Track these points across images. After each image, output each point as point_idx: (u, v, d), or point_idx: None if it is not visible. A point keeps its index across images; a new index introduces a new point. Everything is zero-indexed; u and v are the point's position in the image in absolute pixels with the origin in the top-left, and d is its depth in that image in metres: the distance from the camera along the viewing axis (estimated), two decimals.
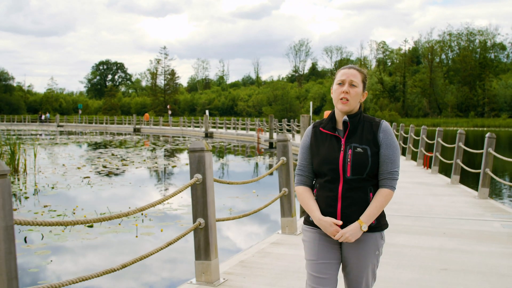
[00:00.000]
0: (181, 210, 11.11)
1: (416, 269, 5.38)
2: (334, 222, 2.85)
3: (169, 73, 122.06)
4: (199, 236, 4.75)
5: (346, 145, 2.89)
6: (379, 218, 2.94)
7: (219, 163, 22.81)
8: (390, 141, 2.91)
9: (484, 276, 5.15)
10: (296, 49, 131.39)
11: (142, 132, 59.60)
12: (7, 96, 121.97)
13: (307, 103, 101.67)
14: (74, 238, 8.70)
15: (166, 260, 7.70)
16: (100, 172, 18.21)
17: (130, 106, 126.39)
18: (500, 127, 76.99)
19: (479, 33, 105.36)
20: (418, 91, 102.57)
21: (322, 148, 2.97)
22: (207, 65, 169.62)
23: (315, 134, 3.05)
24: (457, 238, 6.81)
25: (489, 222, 7.90)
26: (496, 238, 6.88)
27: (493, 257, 5.90)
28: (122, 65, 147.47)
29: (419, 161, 16.96)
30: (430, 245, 6.44)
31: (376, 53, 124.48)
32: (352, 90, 2.93)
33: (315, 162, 2.99)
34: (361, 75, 3.00)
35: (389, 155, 2.89)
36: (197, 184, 4.65)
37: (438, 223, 7.77)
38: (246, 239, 9.34)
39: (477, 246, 6.40)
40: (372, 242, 2.92)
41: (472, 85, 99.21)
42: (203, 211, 4.70)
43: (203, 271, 4.76)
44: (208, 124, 50.09)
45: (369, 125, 2.95)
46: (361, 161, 2.84)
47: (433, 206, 9.30)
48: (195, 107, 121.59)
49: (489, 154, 10.28)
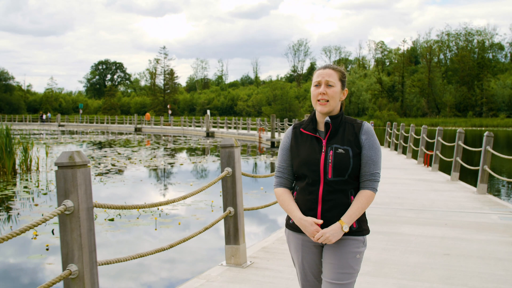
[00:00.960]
0: (194, 205, 11.67)
1: (422, 254, 5.96)
2: (315, 221, 2.81)
3: (168, 72, 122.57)
4: (229, 223, 5.34)
5: (327, 146, 2.85)
6: (360, 222, 2.90)
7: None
8: (372, 142, 2.88)
9: (483, 260, 5.73)
10: (295, 49, 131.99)
11: (143, 132, 60.14)
12: (7, 96, 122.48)
13: (307, 103, 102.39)
14: (98, 229, 9.26)
15: (194, 247, 8.29)
16: (110, 170, 18.77)
17: (129, 105, 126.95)
18: (498, 126, 77.60)
19: (477, 33, 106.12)
20: (416, 91, 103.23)
21: (302, 149, 2.92)
22: (206, 65, 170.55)
23: (295, 135, 3.00)
24: (458, 228, 7.40)
25: (487, 215, 8.48)
26: (494, 228, 7.46)
27: (491, 244, 6.48)
28: (121, 64, 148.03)
29: (419, 159, 17.55)
30: (433, 234, 7.02)
31: (375, 53, 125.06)
32: (329, 90, 2.88)
33: (295, 164, 2.94)
34: (337, 73, 2.94)
35: (372, 157, 2.86)
36: (227, 176, 5.24)
37: (440, 215, 8.35)
38: (265, 228, 10.00)
39: (476, 235, 6.98)
40: (353, 245, 2.86)
41: (470, 85, 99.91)
42: (232, 200, 5.30)
43: (233, 254, 5.35)
44: (209, 124, 50.68)
45: (351, 127, 2.91)
46: (343, 162, 2.81)
47: (434, 200, 9.89)
48: (194, 107, 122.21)
49: (487, 151, 10.86)
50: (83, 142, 37.91)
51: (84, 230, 3.28)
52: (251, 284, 4.83)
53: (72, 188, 3.23)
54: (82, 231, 3.26)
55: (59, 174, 3.26)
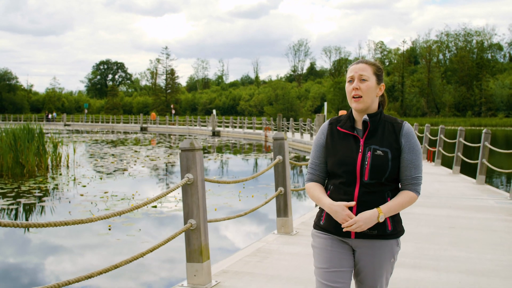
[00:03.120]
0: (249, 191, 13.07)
1: (432, 227, 7.34)
2: (347, 205, 2.69)
3: (169, 72, 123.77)
4: (280, 200, 6.72)
5: (365, 146, 2.73)
6: (395, 223, 2.78)
7: (238, 158, 24.80)
8: (413, 145, 2.75)
9: (481, 231, 7.11)
10: (295, 49, 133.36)
11: (149, 131, 61.40)
12: (11, 96, 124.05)
13: (308, 103, 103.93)
14: (137, 215, 10.62)
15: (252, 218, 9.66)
16: (133, 165, 20.15)
17: (132, 105, 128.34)
18: (497, 126, 78.89)
19: (476, 34, 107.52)
20: (416, 91, 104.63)
21: (339, 148, 2.79)
22: (207, 64, 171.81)
23: (331, 132, 2.87)
24: (460, 210, 8.78)
25: (485, 200, 9.86)
26: (490, 210, 8.84)
27: (488, 221, 7.86)
28: (123, 64, 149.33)
29: (423, 155, 18.93)
30: (439, 213, 8.39)
31: (374, 53, 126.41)
32: (363, 85, 2.75)
33: (330, 162, 2.82)
34: (371, 67, 2.81)
35: (413, 160, 2.74)
36: (278, 163, 6.63)
37: (445, 200, 9.73)
38: (303, 207, 11.41)
39: (475, 214, 8.37)
40: (388, 250, 2.76)
41: (469, 85, 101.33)
42: (283, 182, 6.68)
43: (283, 225, 6.74)
44: (215, 123, 52.05)
45: (391, 126, 2.78)
46: (381, 165, 2.69)
47: (439, 189, 11.27)
48: (196, 107, 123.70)
49: (485, 147, 12.24)
50: (95, 140, 39.27)
51: (200, 195, 4.64)
52: (301, 245, 6.20)
53: (192, 165, 4.59)
54: (199, 195, 4.62)
55: (182, 155, 4.62)
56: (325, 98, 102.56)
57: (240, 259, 5.59)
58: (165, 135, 50.50)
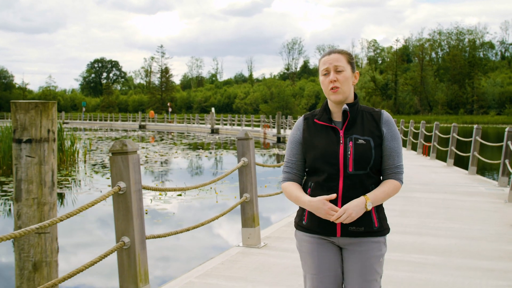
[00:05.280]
0: None
1: (430, 207, 8.66)
2: (327, 198, 2.58)
3: (163, 70, 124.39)
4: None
5: (345, 137, 2.64)
6: (381, 221, 2.71)
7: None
8: (394, 132, 2.71)
9: (473, 211, 8.43)
10: (289, 47, 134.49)
11: (147, 129, 62.43)
12: (7, 94, 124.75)
13: (302, 101, 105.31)
14: (174, 200, 11.88)
15: None
16: (156, 161, 21.41)
17: (127, 103, 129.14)
18: (489, 123, 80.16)
19: (468, 32, 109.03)
20: (409, 89, 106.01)
21: (318, 141, 2.68)
22: (201, 63, 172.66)
23: (308, 127, 2.75)
24: (454, 194, 10.10)
25: (476, 187, 11.19)
26: (480, 195, 10.17)
27: (478, 203, 9.18)
28: (117, 63, 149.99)
29: (418, 150, 20.33)
30: (436, 197, 9.71)
31: (367, 51, 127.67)
32: (339, 76, 2.67)
33: (310, 157, 2.69)
34: (344, 56, 2.73)
35: (395, 148, 2.69)
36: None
37: (441, 187, 11.05)
38: None
39: (467, 198, 9.70)
40: (376, 248, 2.68)
41: (462, 83, 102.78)
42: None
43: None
44: (214, 121, 53.31)
45: (369, 115, 2.72)
46: (364, 154, 2.61)
47: (435, 179, 12.59)
48: (191, 105, 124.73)
49: (476, 141, 13.57)
50: (99, 138, 40.43)
51: (253, 174, 5.93)
52: None
53: (247, 151, 5.86)
54: (252, 175, 5.90)
55: (239, 143, 5.90)
56: (319, 96, 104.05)
57: (278, 228, 6.88)
58: (164, 133, 51.58)
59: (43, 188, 3.68)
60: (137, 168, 3.98)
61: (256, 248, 5.94)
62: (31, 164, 3.64)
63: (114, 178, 3.92)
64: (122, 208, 3.92)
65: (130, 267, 3.94)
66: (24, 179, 3.63)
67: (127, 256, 3.94)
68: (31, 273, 3.68)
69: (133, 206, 3.91)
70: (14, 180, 3.65)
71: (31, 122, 3.65)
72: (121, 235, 3.94)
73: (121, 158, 3.93)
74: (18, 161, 3.64)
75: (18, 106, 3.65)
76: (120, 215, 3.94)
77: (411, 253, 5.79)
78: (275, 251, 5.85)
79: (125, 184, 3.89)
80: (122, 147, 3.94)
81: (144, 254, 4.03)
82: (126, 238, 3.91)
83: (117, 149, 3.95)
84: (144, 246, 4.02)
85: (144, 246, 4.03)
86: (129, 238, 3.91)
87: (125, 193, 3.89)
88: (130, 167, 3.90)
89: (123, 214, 3.93)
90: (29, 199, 3.65)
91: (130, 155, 3.92)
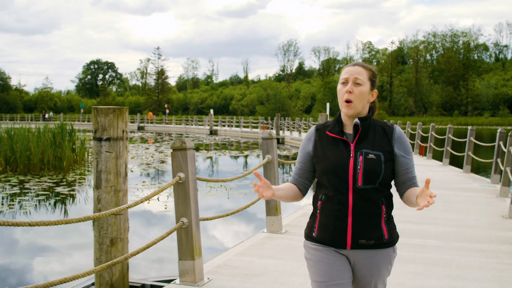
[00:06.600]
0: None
1: None
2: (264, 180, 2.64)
3: (159, 72, 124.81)
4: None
5: (356, 150, 2.65)
6: (391, 231, 2.76)
7: (252, 154, 26.97)
8: (408, 147, 2.72)
9: (467, 203, 9.33)
10: (285, 49, 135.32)
11: (146, 130, 62.96)
12: (4, 96, 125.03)
13: (298, 103, 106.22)
14: None
15: None
16: (162, 162, 22.22)
17: (124, 105, 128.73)
18: (483, 125, 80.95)
19: (463, 35, 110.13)
20: (404, 91, 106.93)
21: (329, 154, 2.69)
22: (197, 64, 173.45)
23: (319, 138, 2.75)
24: (450, 190, 10.99)
25: (470, 184, 12.10)
26: (474, 191, 11.07)
27: (472, 198, 10.08)
28: (113, 64, 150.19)
29: (415, 150, 21.21)
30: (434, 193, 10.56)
31: (362, 53, 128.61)
32: (356, 89, 2.67)
33: (320, 169, 2.71)
34: (367, 72, 2.73)
35: (408, 163, 2.72)
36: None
37: (438, 184, 11.94)
38: None
39: (462, 193, 10.60)
40: (385, 258, 2.73)
41: (456, 85, 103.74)
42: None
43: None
44: (212, 123, 54.05)
45: (381, 130, 2.71)
46: (374, 169, 2.61)
47: (432, 177, 13.43)
48: (188, 106, 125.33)
49: (470, 141, 14.47)
50: None
51: (275, 170, 6.77)
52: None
53: (271, 149, 6.71)
54: (275, 170, 6.74)
55: (264, 143, 6.73)
56: (315, 98, 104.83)
57: (295, 218, 7.73)
58: (163, 134, 52.19)
59: (119, 178, 4.54)
60: (192, 161, 4.77)
61: (279, 233, 6.81)
62: (109, 158, 4.50)
63: (175, 170, 4.73)
64: (182, 195, 4.71)
65: (188, 243, 4.74)
66: (104, 170, 4.49)
67: (185, 234, 4.74)
68: (109, 247, 4.53)
69: (190, 192, 4.70)
70: (95, 171, 4.51)
71: (109, 124, 4.52)
72: (180, 216, 4.74)
73: (180, 154, 4.70)
74: (99, 155, 4.51)
75: (99, 111, 4.52)
76: (180, 200, 4.73)
77: (413, 238, 6.66)
78: (296, 236, 6.71)
79: (184, 175, 4.66)
80: (182, 144, 4.70)
81: (198, 233, 4.81)
82: (185, 219, 4.69)
83: (177, 146, 4.70)
84: (198, 226, 4.81)
85: (198, 226, 4.81)
86: (187, 219, 4.70)
87: (183, 182, 4.68)
88: (188, 161, 4.70)
89: (182, 199, 4.72)
90: (107, 186, 4.51)
91: (188, 151, 4.69)
